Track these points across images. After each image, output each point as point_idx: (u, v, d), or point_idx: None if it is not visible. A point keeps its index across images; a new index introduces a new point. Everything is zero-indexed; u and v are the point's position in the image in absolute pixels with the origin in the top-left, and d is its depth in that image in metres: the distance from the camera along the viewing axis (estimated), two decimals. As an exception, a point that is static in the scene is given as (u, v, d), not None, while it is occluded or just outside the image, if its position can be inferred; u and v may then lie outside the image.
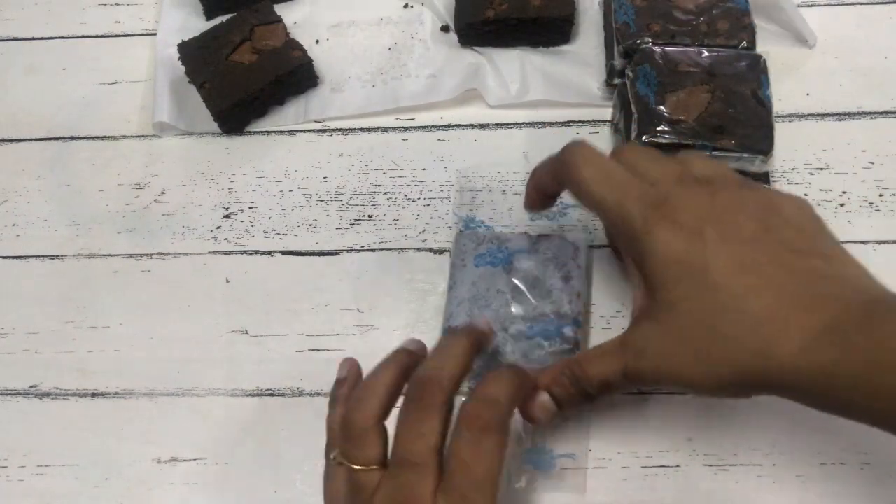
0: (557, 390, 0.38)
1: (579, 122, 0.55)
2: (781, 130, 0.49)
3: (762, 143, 0.46)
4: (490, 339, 0.40)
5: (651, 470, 0.44)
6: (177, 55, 0.56)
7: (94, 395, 0.48)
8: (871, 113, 0.54)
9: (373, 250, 0.52)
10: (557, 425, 0.44)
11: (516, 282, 0.46)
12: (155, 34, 0.61)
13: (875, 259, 0.49)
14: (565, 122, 0.55)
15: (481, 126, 0.56)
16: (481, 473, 0.32)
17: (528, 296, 0.45)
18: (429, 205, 0.53)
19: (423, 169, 0.54)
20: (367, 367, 0.48)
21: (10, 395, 0.49)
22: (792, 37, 0.57)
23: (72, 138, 0.58)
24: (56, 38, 0.63)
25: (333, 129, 0.56)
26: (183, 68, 0.56)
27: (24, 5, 0.64)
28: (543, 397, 0.38)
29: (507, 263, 0.46)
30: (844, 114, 0.54)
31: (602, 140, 0.54)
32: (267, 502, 0.45)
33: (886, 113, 0.53)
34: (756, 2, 0.53)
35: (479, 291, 0.46)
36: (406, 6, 0.61)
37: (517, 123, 0.55)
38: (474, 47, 0.58)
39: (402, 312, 0.49)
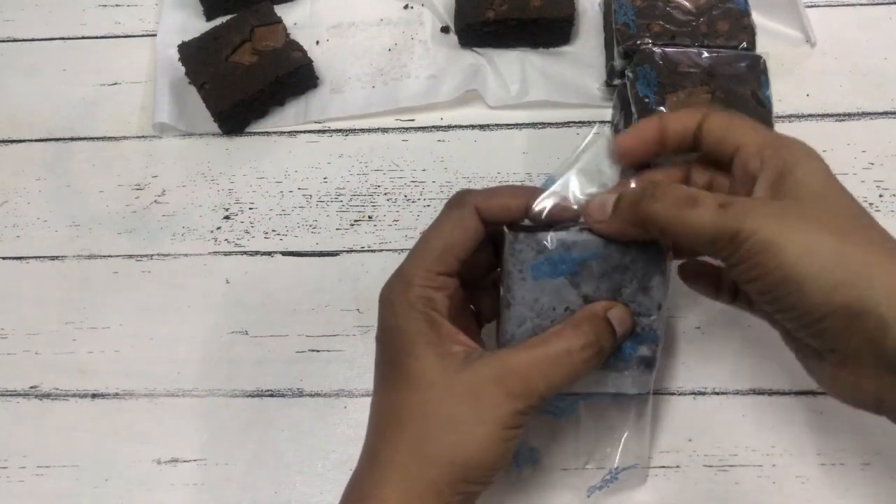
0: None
1: (579, 122, 0.55)
2: (781, 131, 0.49)
3: (762, 143, 0.46)
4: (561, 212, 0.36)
5: (651, 470, 0.44)
6: (177, 56, 0.56)
7: (94, 395, 0.48)
8: (871, 113, 0.54)
9: (373, 251, 0.52)
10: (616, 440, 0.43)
11: (586, 296, 0.37)
12: (155, 35, 0.61)
13: (875, 259, 0.49)
14: (565, 123, 0.55)
15: (481, 127, 0.56)
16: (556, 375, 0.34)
17: None
18: (429, 205, 0.53)
19: (423, 170, 0.54)
20: (366, 368, 0.48)
21: (10, 395, 0.49)
22: (792, 37, 0.57)
23: (72, 139, 0.58)
24: (56, 38, 0.63)
25: (333, 130, 0.56)
26: (183, 69, 0.56)
27: (24, 6, 0.64)
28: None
29: (574, 274, 0.37)
30: (844, 114, 0.54)
31: (602, 140, 0.54)
32: (267, 502, 0.45)
33: (886, 113, 0.54)
34: (757, 1, 0.53)
35: (542, 309, 0.37)
36: (406, 7, 0.61)
37: (517, 124, 0.55)
38: (474, 48, 0.58)
39: (402, 313, 0.49)
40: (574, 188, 0.38)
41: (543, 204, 0.37)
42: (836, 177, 0.34)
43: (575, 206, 0.37)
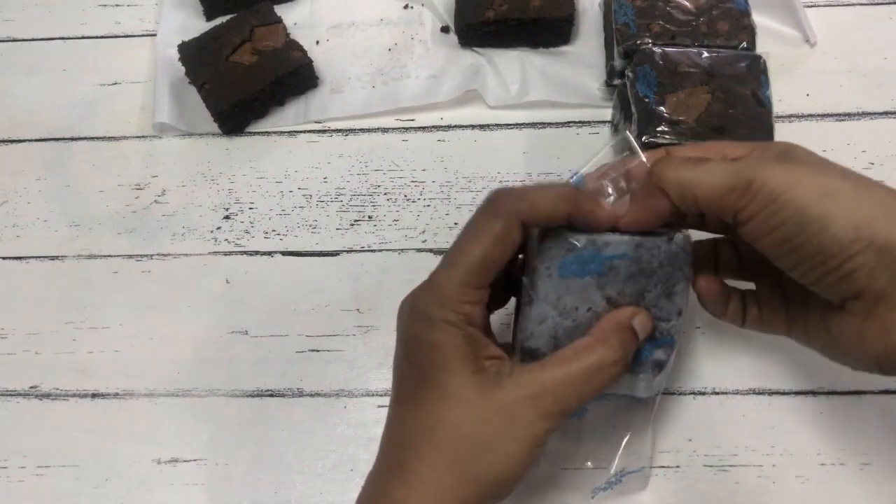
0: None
1: (579, 122, 0.55)
2: (781, 131, 0.49)
3: (762, 143, 0.46)
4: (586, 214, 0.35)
5: (651, 470, 0.44)
6: (177, 56, 0.56)
7: (94, 395, 0.48)
8: (871, 113, 0.54)
9: (373, 251, 0.52)
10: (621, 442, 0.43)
11: (610, 297, 0.37)
12: (155, 35, 0.61)
13: (875, 259, 0.49)
14: (565, 123, 0.55)
15: (481, 127, 0.56)
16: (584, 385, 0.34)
17: None
18: (429, 205, 0.53)
19: (423, 170, 0.54)
20: (366, 368, 0.48)
21: (10, 395, 0.49)
22: (792, 37, 0.57)
23: (72, 139, 0.58)
24: (56, 38, 0.63)
25: (333, 130, 0.56)
26: (183, 69, 0.56)
27: (24, 6, 0.64)
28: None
29: (601, 274, 0.37)
30: (844, 114, 0.54)
31: (602, 140, 0.54)
32: (267, 502, 0.45)
33: (886, 113, 0.54)
34: (757, 1, 0.53)
35: (566, 308, 0.37)
36: (406, 7, 0.61)
37: (517, 124, 0.55)
38: (474, 48, 0.58)
39: (402, 313, 0.49)
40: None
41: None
42: None
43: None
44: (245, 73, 0.55)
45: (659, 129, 0.46)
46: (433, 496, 0.33)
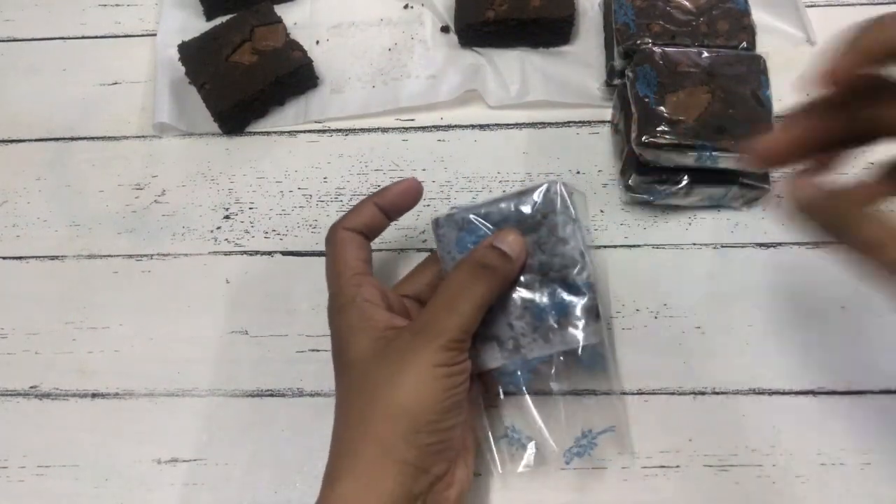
0: None
1: (579, 122, 0.55)
2: (781, 131, 0.49)
3: (762, 143, 0.46)
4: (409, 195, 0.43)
5: (651, 470, 0.44)
6: (177, 56, 0.56)
7: (94, 395, 0.48)
8: (870, 113, 0.53)
9: (372, 250, 0.51)
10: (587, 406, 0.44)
11: None
12: (155, 35, 0.61)
13: (875, 259, 0.49)
14: (565, 123, 0.55)
15: (481, 127, 0.56)
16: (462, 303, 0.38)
17: (528, 273, 0.41)
18: (428, 205, 0.53)
19: (423, 169, 0.54)
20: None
21: (10, 395, 0.49)
22: (792, 36, 0.57)
23: (72, 139, 0.58)
24: (56, 38, 0.63)
25: (333, 130, 0.56)
26: (183, 69, 0.56)
27: (24, 6, 0.64)
28: None
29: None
30: (844, 114, 0.54)
31: (602, 140, 0.54)
32: (267, 502, 0.45)
33: (886, 113, 0.53)
34: (757, 1, 0.53)
35: None
36: (406, 7, 0.61)
37: (517, 124, 0.55)
38: (474, 48, 0.58)
39: (402, 313, 0.49)
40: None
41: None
42: None
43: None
44: (245, 73, 0.55)
45: (659, 128, 0.46)
46: (351, 450, 0.36)
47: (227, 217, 0.54)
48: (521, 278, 0.41)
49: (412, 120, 0.56)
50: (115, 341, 0.50)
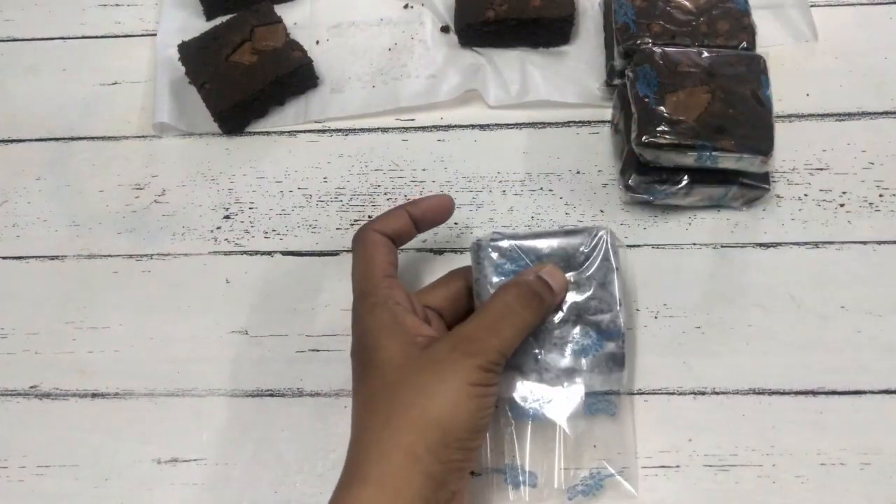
0: None
1: (579, 122, 0.55)
2: (781, 130, 0.49)
3: (762, 143, 0.46)
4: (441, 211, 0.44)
5: (651, 470, 0.44)
6: (177, 55, 0.56)
7: (94, 395, 0.48)
8: (871, 113, 0.54)
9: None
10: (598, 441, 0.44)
11: None
12: (155, 35, 0.61)
13: (875, 259, 0.49)
14: (565, 123, 0.55)
15: (481, 126, 0.56)
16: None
17: (562, 311, 0.42)
18: (429, 205, 0.53)
19: (423, 169, 0.54)
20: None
21: (10, 395, 0.49)
22: (792, 36, 0.57)
23: (72, 138, 0.58)
24: (56, 38, 0.63)
25: (333, 130, 0.56)
26: (183, 69, 0.56)
27: (24, 6, 0.64)
28: None
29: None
30: (844, 114, 0.54)
31: (602, 140, 0.54)
32: (267, 502, 0.45)
33: (886, 113, 0.54)
34: (757, 0, 0.53)
35: None
36: (406, 7, 0.61)
37: (517, 124, 0.55)
38: (474, 48, 0.58)
39: (402, 313, 0.49)
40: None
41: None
42: None
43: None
44: (245, 73, 0.55)
45: (659, 128, 0.46)
46: (377, 455, 0.35)
47: (227, 217, 0.54)
48: (555, 314, 0.41)
49: (412, 120, 0.56)
50: (115, 341, 0.50)
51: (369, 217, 0.53)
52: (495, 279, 0.42)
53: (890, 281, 0.48)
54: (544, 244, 0.42)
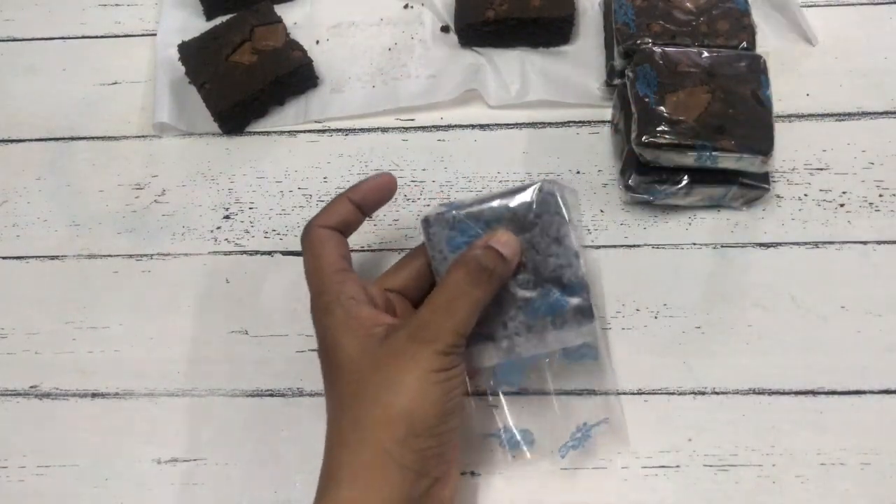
0: None
1: (579, 122, 0.55)
2: (781, 131, 0.49)
3: (762, 143, 0.46)
4: (382, 190, 0.43)
5: (651, 470, 0.44)
6: (177, 55, 0.56)
7: (94, 395, 0.48)
8: (871, 113, 0.54)
9: (372, 251, 0.52)
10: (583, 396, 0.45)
11: None
12: (155, 34, 0.61)
13: (875, 259, 0.49)
14: (565, 123, 0.55)
15: (481, 126, 0.56)
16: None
17: (522, 273, 0.41)
18: (428, 205, 0.53)
19: (423, 169, 0.54)
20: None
21: (10, 395, 0.49)
22: (792, 37, 0.57)
23: (72, 138, 0.58)
24: (56, 38, 0.63)
25: (333, 130, 0.56)
26: (183, 68, 0.56)
27: (24, 5, 0.64)
28: None
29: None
30: (844, 114, 0.54)
31: (602, 140, 0.54)
32: (267, 502, 0.45)
33: (886, 113, 0.54)
34: (757, 0, 0.53)
35: None
36: (406, 6, 0.61)
37: (517, 124, 0.55)
38: (474, 48, 0.58)
39: (402, 312, 0.49)
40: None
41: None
42: None
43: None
44: (245, 73, 0.55)
45: (659, 128, 0.46)
46: (348, 456, 0.36)
47: (227, 217, 0.54)
48: (515, 278, 0.41)
49: (412, 120, 0.56)
50: (115, 341, 0.50)
51: (369, 217, 0.52)
52: (450, 254, 0.41)
53: (890, 281, 0.48)
54: (492, 209, 0.41)
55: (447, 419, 0.37)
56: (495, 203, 0.41)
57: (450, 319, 0.37)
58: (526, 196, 0.41)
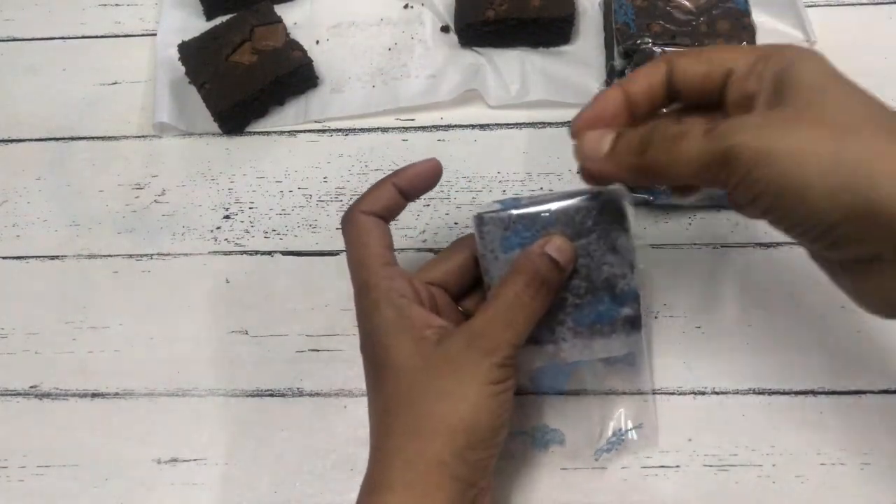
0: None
1: (579, 122, 0.55)
2: (781, 130, 0.49)
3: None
4: (429, 177, 0.41)
5: (651, 470, 0.44)
6: (177, 55, 0.56)
7: (94, 395, 0.48)
8: (870, 113, 0.53)
9: (373, 250, 0.52)
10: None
11: None
12: (155, 34, 0.61)
13: (875, 259, 0.49)
14: (565, 123, 0.55)
15: (481, 126, 0.56)
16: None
17: (574, 279, 0.39)
18: (428, 205, 0.53)
19: (423, 169, 0.54)
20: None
21: (10, 395, 0.49)
22: (792, 37, 0.57)
23: (72, 138, 0.58)
24: (56, 38, 0.63)
25: (333, 130, 0.56)
26: (183, 68, 0.56)
27: (24, 5, 0.64)
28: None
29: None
30: (844, 114, 0.54)
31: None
32: (267, 502, 0.45)
33: (886, 113, 0.53)
34: (757, 1, 0.53)
35: None
36: (406, 6, 0.61)
37: (517, 124, 0.55)
38: (474, 48, 0.58)
39: (402, 312, 0.49)
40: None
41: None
42: (838, 70, 0.31)
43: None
44: (245, 73, 0.55)
45: (659, 128, 0.46)
46: (402, 464, 0.34)
47: (227, 217, 0.54)
48: (567, 283, 0.39)
49: (412, 120, 0.56)
50: (115, 341, 0.50)
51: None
52: (502, 255, 0.39)
53: (890, 281, 0.48)
54: (550, 212, 0.39)
55: (500, 431, 0.36)
56: (553, 206, 0.39)
57: (508, 330, 0.35)
58: (585, 202, 0.39)
